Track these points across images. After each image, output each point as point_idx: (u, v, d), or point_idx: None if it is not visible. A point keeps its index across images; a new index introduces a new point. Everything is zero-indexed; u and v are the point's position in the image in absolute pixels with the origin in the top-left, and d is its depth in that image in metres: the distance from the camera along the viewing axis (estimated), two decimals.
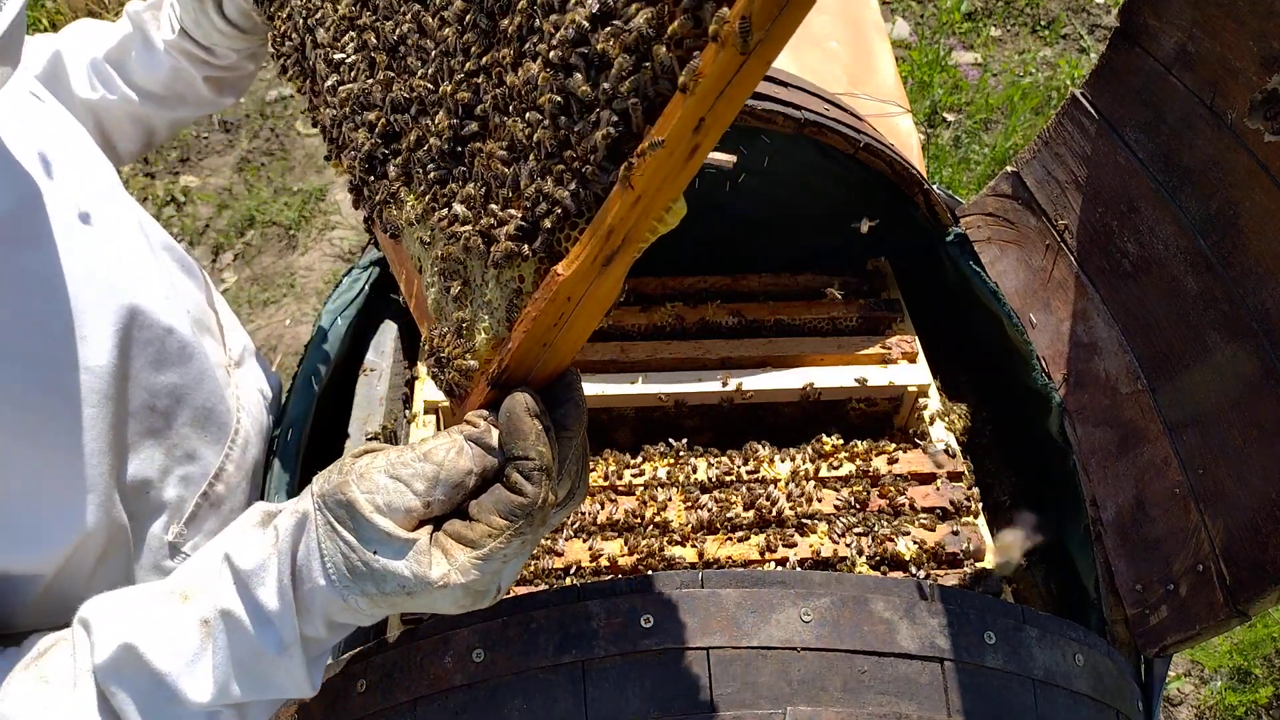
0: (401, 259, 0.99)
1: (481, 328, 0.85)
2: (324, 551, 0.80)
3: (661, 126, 0.69)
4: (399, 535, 0.77)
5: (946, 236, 1.75)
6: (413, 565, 0.77)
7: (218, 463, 1.23)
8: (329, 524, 0.79)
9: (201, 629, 0.82)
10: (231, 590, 0.82)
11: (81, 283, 1.00)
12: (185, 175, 3.73)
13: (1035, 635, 1.06)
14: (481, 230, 0.82)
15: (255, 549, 0.83)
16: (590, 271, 0.75)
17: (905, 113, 2.69)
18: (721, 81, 0.66)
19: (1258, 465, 1.21)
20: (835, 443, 1.58)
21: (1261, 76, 1.21)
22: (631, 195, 0.71)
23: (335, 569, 0.80)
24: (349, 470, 0.80)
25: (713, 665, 0.98)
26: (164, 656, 0.81)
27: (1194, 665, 2.66)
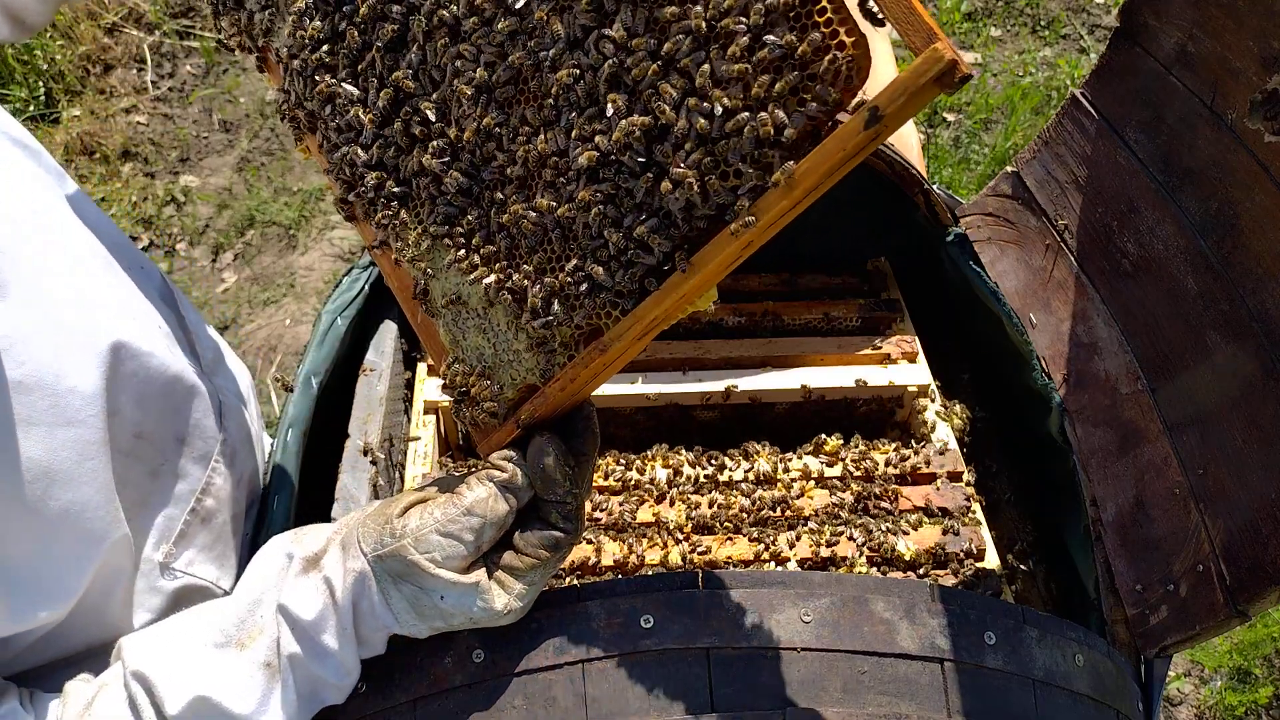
0: (399, 275, 0.98)
1: (511, 375, 0.90)
2: (391, 603, 0.92)
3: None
4: (463, 582, 0.91)
5: (946, 236, 1.75)
6: (480, 603, 0.92)
7: (204, 477, 1.19)
8: (391, 581, 0.91)
9: (265, 671, 0.92)
10: (291, 638, 0.92)
11: (56, 331, 0.95)
12: (185, 175, 3.73)
13: (1035, 636, 1.06)
14: (512, 288, 0.86)
15: (310, 601, 0.92)
16: (632, 350, 0.83)
17: None
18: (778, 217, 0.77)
19: (1258, 465, 1.21)
20: (835, 443, 1.58)
21: (1262, 76, 1.20)
22: (681, 294, 0.79)
23: (403, 614, 0.92)
24: (403, 534, 0.90)
25: (713, 665, 0.98)
26: (238, 702, 0.90)
27: (1194, 665, 2.66)
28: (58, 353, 0.94)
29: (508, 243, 0.86)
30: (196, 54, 4.07)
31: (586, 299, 0.82)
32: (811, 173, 0.73)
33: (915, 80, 0.69)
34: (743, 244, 0.77)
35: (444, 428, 1.66)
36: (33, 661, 1.02)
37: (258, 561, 0.97)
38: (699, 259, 0.78)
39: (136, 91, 3.97)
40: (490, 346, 0.91)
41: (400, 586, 0.91)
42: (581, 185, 0.78)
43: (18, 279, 0.92)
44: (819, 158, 0.72)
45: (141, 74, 4.02)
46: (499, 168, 0.85)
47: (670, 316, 0.81)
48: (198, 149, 3.82)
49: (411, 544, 0.89)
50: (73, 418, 0.94)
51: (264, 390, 3.17)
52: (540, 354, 0.88)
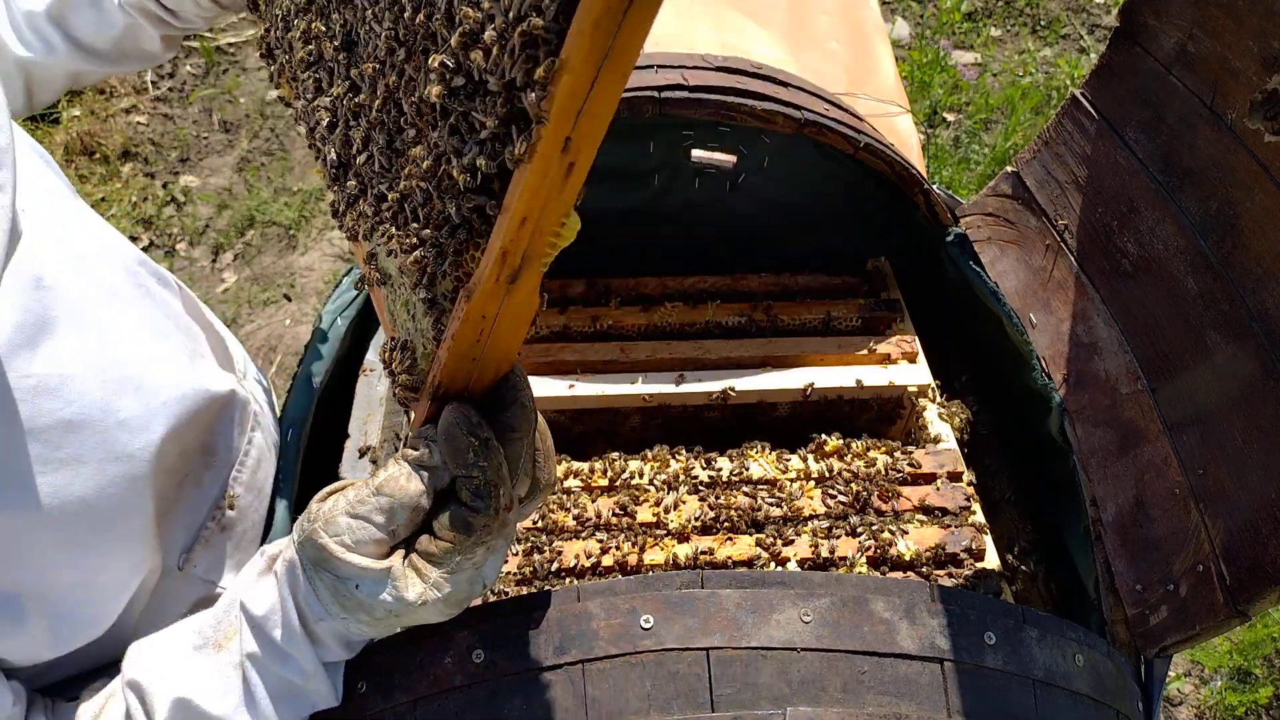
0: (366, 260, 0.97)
1: (421, 343, 0.86)
2: (317, 593, 0.87)
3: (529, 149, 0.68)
4: (372, 568, 0.84)
5: (946, 236, 1.75)
6: (392, 592, 0.84)
7: (226, 487, 1.18)
8: (314, 569, 0.86)
9: (237, 673, 0.91)
10: (250, 636, 0.90)
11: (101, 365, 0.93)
12: (185, 175, 3.73)
13: (1035, 636, 1.06)
14: (405, 249, 0.82)
15: (263, 596, 0.90)
16: (497, 290, 0.76)
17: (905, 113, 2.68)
18: (577, 101, 0.66)
19: (1258, 465, 1.21)
20: (835, 443, 1.58)
21: (1262, 76, 1.20)
22: (515, 217, 0.71)
23: (330, 605, 0.87)
24: (315, 517, 0.85)
25: (712, 665, 0.98)
26: (216, 703, 0.90)
27: (1194, 665, 2.66)
28: (104, 388, 0.93)
29: (410, 206, 0.83)
30: (196, 54, 4.07)
31: (449, 241, 0.78)
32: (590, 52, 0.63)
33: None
34: (557, 139, 0.68)
35: None
36: (56, 676, 1.02)
37: (247, 564, 0.97)
38: (516, 174, 0.71)
39: (136, 91, 3.97)
40: (410, 318, 0.87)
41: (321, 575, 0.86)
42: (436, 127, 0.76)
43: (65, 315, 0.91)
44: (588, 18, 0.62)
45: (141, 74, 4.02)
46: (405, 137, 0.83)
47: (524, 249, 0.75)
48: (198, 149, 3.82)
49: (322, 526, 0.84)
50: (120, 453, 0.93)
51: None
52: (433, 315, 0.82)
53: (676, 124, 1.63)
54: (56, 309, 0.90)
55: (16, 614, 0.88)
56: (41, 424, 0.87)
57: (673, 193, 1.74)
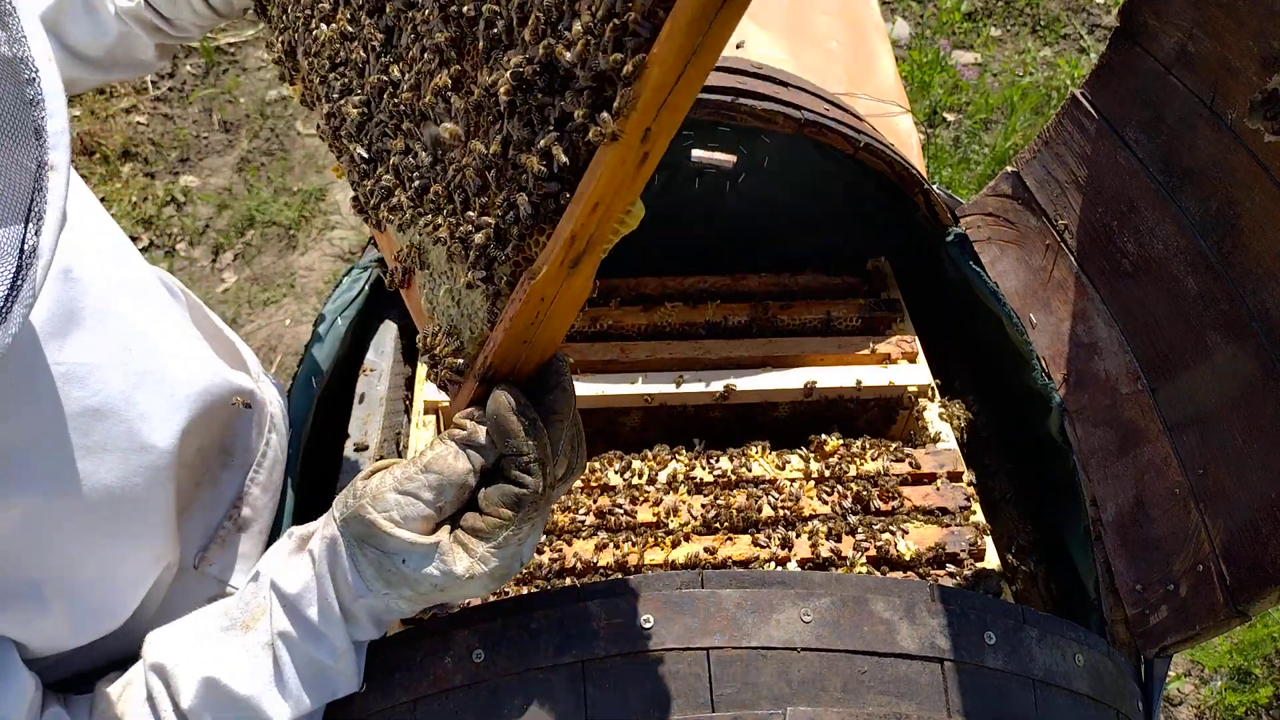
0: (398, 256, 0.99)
1: (468, 327, 0.89)
2: (359, 568, 0.89)
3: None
4: (421, 543, 0.86)
5: (946, 236, 1.75)
6: (440, 566, 0.86)
7: (243, 487, 1.18)
8: (357, 545, 0.88)
9: (266, 652, 0.92)
10: (283, 615, 0.92)
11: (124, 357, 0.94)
12: (185, 175, 3.73)
13: (1035, 635, 1.06)
14: (461, 236, 0.85)
15: (297, 574, 0.92)
16: (560, 274, 0.79)
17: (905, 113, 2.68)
18: (661, 94, 0.70)
19: (1258, 465, 1.21)
20: (835, 443, 1.58)
21: (1262, 76, 1.20)
22: (588, 203, 0.74)
23: (372, 580, 0.89)
24: (363, 494, 0.87)
25: (713, 665, 0.98)
26: (244, 683, 0.91)
27: (1194, 665, 2.66)
28: (127, 379, 0.94)
29: (461, 196, 0.86)
30: (196, 54, 4.08)
31: (514, 227, 0.81)
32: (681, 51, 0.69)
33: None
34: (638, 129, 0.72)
35: (444, 427, 1.66)
36: (69, 670, 1.02)
37: (272, 547, 0.98)
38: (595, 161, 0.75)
39: (136, 91, 3.97)
40: (455, 304, 0.90)
41: (365, 550, 0.87)
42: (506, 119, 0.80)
43: (91, 306, 0.92)
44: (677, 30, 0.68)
45: None
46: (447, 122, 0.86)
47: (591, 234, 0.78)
48: (198, 149, 3.82)
49: (369, 503, 0.86)
50: (144, 443, 0.94)
51: None
52: (489, 299, 0.86)
53: None
54: (84, 300, 0.91)
55: (39, 601, 0.89)
56: (71, 411, 0.88)
57: (672, 192, 1.74)
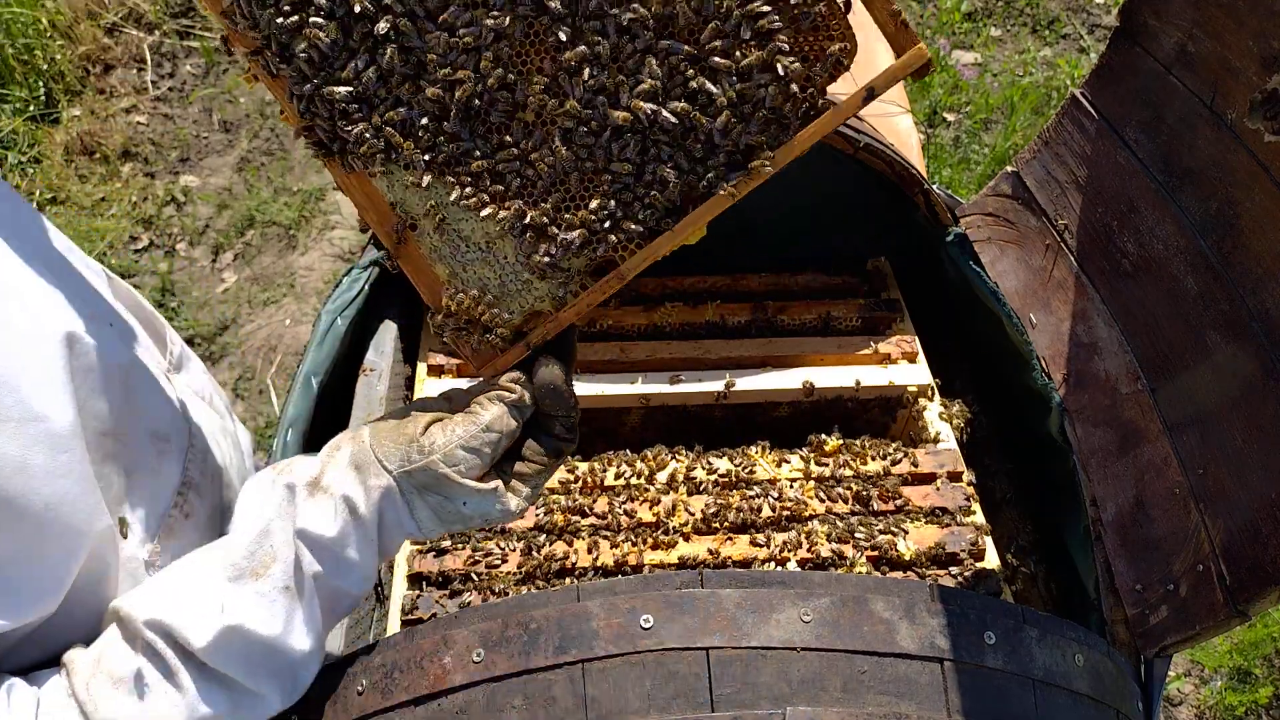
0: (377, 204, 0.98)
1: (521, 302, 1.00)
2: (414, 510, 1.01)
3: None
4: (485, 489, 1.01)
5: (946, 236, 1.75)
6: (500, 506, 1.02)
7: (181, 474, 1.17)
8: (417, 492, 1.00)
9: (285, 595, 0.98)
10: (312, 558, 1.00)
11: (10, 326, 0.93)
12: (185, 175, 3.73)
13: (1035, 635, 1.06)
14: (531, 224, 0.95)
15: (330, 521, 1.00)
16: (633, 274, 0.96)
17: (905, 113, 2.68)
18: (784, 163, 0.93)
19: (1258, 465, 1.21)
20: (835, 443, 1.58)
21: (1261, 76, 1.20)
22: (684, 232, 0.94)
23: (425, 521, 1.02)
24: (430, 450, 0.99)
25: (712, 665, 0.98)
26: (266, 626, 0.97)
27: (1194, 665, 2.66)
28: (16, 347, 0.93)
29: (518, 182, 0.94)
30: (196, 54, 4.08)
31: (610, 234, 0.94)
32: (812, 137, 0.92)
33: (903, 70, 0.89)
34: (733, 199, 0.96)
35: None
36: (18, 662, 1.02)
37: (250, 501, 1.02)
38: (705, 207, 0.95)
39: (136, 91, 3.97)
40: (496, 277, 0.99)
41: (426, 497, 1.00)
42: (610, 140, 0.91)
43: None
44: (820, 126, 0.91)
45: (141, 74, 4.02)
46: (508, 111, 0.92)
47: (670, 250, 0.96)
48: (198, 149, 3.82)
49: (441, 459, 0.98)
50: (40, 412, 0.93)
51: (264, 390, 3.17)
52: (552, 282, 0.98)
53: None
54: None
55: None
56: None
57: None
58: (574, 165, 0.92)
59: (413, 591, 1.40)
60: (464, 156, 0.94)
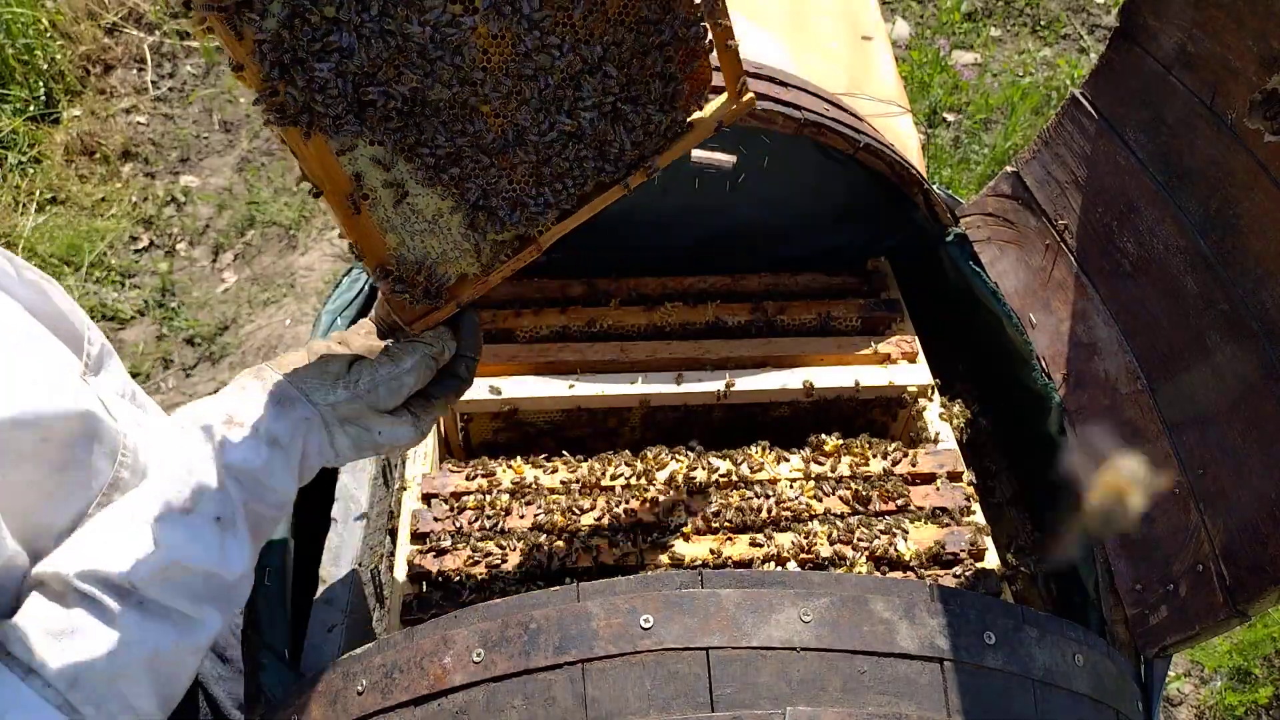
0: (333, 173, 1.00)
1: (457, 268, 1.12)
2: (333, 439, 1.12)
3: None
4: (398, 421, 1.15)
5: (946, 236, 1.76)
6: (409, 433, 1.15)
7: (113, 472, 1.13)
8: (339, 424, 1.12)
9: (216, 525, 1.04)
10: (239, 487, 1.06)
11: None
12: (185, 175, 3.73)
13: (1035, 635, 1.06)
14: (481, 204, 1.07)
15: (254, 452, 1.06)
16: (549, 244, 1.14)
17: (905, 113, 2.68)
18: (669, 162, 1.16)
19: (1257, 465, 1.21)
20: (835, 443, 1.58)
21: (1261, 76, 1.21)
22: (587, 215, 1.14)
23: (345, 450, 1.13)
24: (356, 387, 1.11)
25: (712, 665, 0.98)
26: (204, 555, 1.02)
27: (1194, 665, 2.66)
28: None
29: (472, 166, 1.05)
30: (196, 54, 4.08)
31: (539, 215, 1.11)
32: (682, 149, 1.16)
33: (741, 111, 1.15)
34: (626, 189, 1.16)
35: (444, 427, 1.66)
36: None
37: (166, 446, 1.05)
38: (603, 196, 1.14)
39: (137, 91, 3.97)
40: (440, 246, 1.10)
41: (346, 428, 1.12)
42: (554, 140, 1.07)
43: None
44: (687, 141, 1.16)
45: (142, 74, 4.02)
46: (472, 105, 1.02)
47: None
48: (198, 149, 3.82)
49: (365, 394, 1.11)
50: None
51: None
52: (485, 251, 1.12)
53: None
54: None
55: None
56: None
57: (673, 193, 1.74)
58: (522, 157, 1.06)
59: (412, 591, 1.40)
60: (429, 140, 1.02)
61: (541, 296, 1.79)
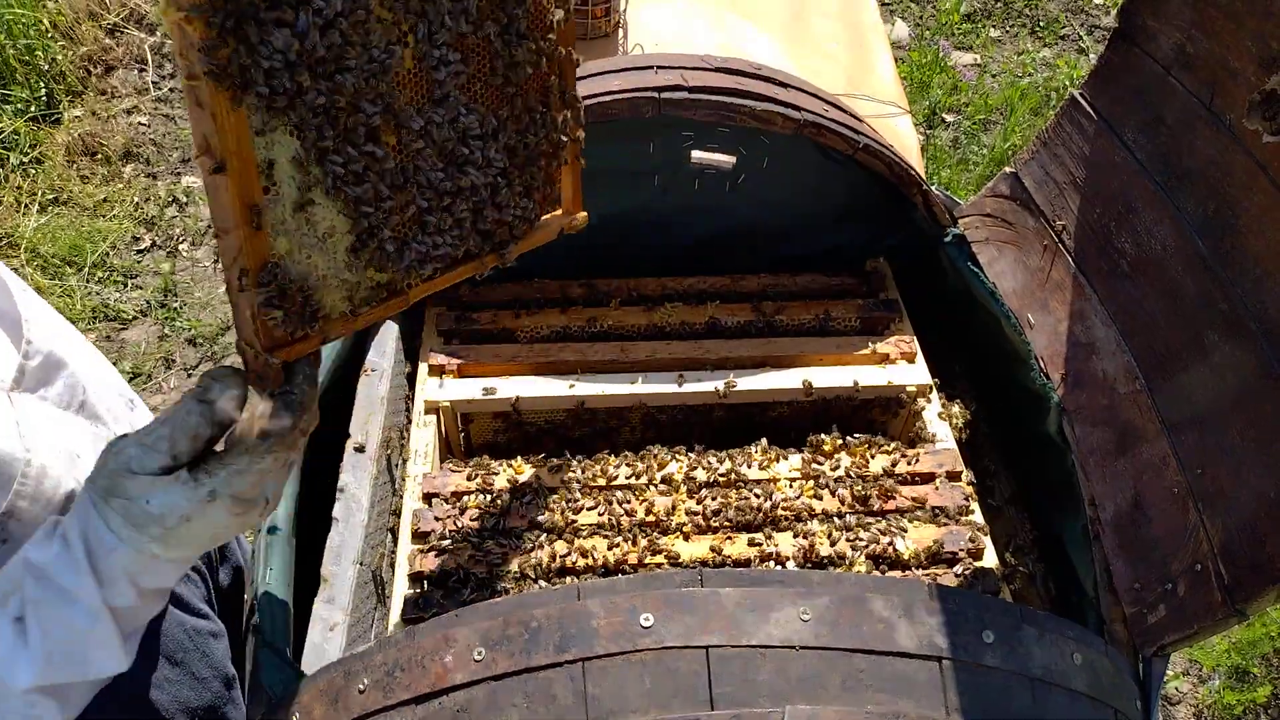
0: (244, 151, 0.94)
1: (332, 298, 1.05)
2: (107, 520, 0.92)
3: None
4: (162, 480, 0.92)
5: (945, 237, 1.76)
6: (185, 493, 0.91)
7: (6, 502, 1.09)
8: (104, 500, 0.92)
9: (15, 626, 0.93)
10: (35, 583, 0.93)
11: None
12: (187, 176, 3.74)
13: (1033, 634, 1.07)
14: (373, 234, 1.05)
15: (49, 545, 0.94)
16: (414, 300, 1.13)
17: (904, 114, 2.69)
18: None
19: (1256, 465, 1.21)
20: (834, 442, 1.58)
21: (1260, 77, 1.21)
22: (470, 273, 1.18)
23: (120, 528, 0.92)
24: (105, 452, 0.93)
25: (712, 664, 0.99)
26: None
27: (1192, 664, 2.66)
28: None
29: (373, 191, 1.04)
30: None
31: (418, 265, 1.10)
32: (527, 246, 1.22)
33: (569, 229, 1.25)
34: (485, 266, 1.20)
35: (444, 428, 1.67)
36: None
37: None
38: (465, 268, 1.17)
39: (138, 92, 3.97)
40: (323, 269, 1.03)
41: (112, 503, 0.92)
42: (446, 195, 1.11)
43: None
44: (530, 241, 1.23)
45: (143, 74, 4.03)
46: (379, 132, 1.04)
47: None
48: None
49: (111, 457, 0.93)
50: None
51: None
52: (360, 289, 1.07)
53: (676, 124, 1.63)
54: None
55: None
56: None
57: (673, 193, 1.75)
58: (415, 198, 1.08)
59: (413, 590, 1.40)
60: (340, 149, 1.00)
61: (541, 296, 1.80)
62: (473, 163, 1.12)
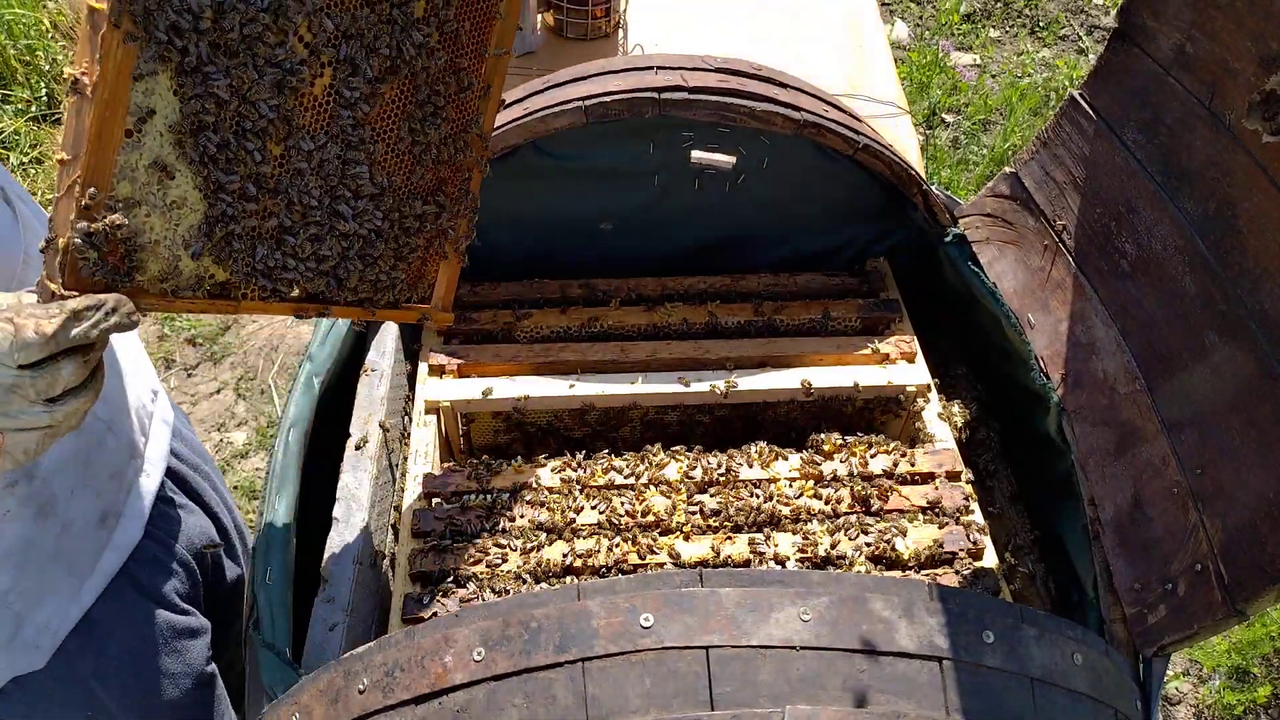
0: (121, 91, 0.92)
1: (158, 268, 1.02)
2: None
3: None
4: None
5: (945, 237, 1.76)
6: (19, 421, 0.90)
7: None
8: None
9: None
10: None
11: None
12: None
13: (1034, 634, 1.07)
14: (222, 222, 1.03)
15: None
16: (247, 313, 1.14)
17: (904, 114, 2.69)
18: None
19: (1256, 465, 1.21)
20: (834, 442, 1.58)
21: (1260, 77, 1.21)
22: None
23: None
24: None
25: (712, 664, 0.99)
26: None
27: (1192, 664, 2.66)
28: None
29: (240, 186, 1.02)
30: None
31: (258, 276, 1.08)
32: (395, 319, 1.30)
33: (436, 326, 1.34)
34: None
35: (444, 427, 1.67)
36: None
37: None
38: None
39: None
40: (159, 232, 1.01)
41: None
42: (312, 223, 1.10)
43: None
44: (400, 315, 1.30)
45: None
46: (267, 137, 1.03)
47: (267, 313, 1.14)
48: None
49: None
50: None
51: (266, 390, 3.17)
52: (187, 272, 1.03)
53: (676, 125, 1.63)
54: None
55: None
56: None
57: (673, 193, 1.75)
58: (280, 212, 1.06)
59: (413, 590, 1.40)
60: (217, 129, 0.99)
61: (541, 296, 1.80)
62: (351, 210, 1.11)
